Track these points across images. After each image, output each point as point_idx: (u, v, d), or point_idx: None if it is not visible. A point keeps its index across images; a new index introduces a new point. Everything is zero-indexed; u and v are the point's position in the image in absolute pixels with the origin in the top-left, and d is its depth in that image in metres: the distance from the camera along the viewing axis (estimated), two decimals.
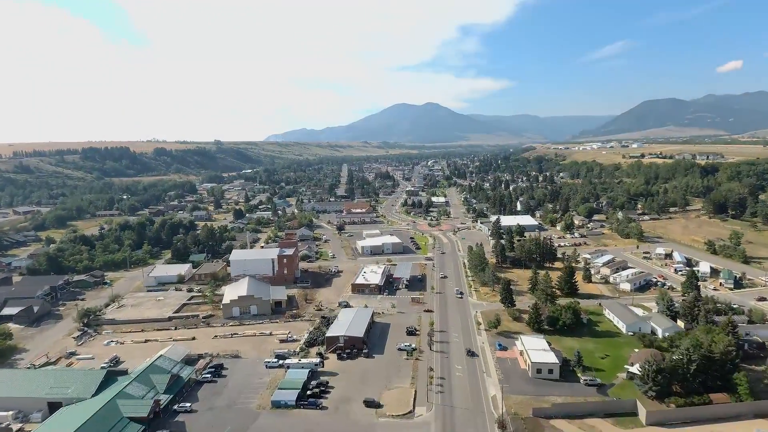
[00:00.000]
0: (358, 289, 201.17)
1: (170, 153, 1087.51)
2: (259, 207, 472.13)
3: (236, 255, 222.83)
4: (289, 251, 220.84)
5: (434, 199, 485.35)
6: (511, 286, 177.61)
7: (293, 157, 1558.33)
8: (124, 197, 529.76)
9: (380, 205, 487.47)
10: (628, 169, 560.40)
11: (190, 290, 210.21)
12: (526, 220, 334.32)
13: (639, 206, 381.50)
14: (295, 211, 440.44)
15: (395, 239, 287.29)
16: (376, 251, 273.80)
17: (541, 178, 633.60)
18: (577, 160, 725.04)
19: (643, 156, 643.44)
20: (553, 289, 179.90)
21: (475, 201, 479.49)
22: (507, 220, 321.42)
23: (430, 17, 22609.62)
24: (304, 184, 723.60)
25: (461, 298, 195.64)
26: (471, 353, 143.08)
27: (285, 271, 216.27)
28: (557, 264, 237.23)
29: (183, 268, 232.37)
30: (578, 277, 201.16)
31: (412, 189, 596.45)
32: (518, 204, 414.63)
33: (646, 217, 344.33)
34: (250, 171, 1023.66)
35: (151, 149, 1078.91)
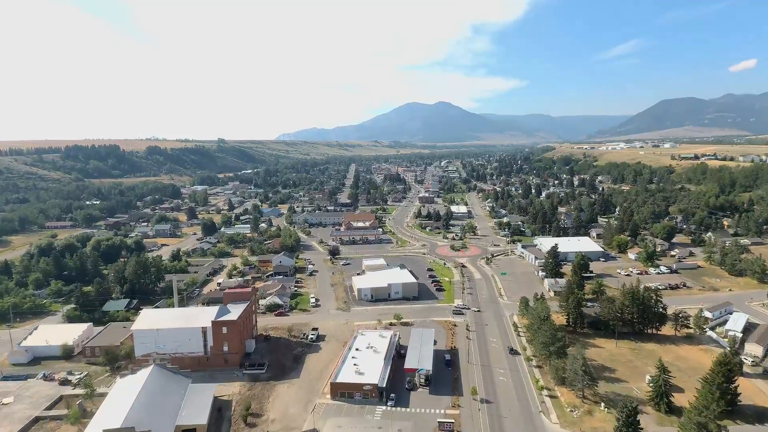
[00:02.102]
0: (343, 392, 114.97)
1: (164, 152, 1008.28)
2: (241, 218, 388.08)
3: (145, 319, 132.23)
4: (235, 313, 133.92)
5: (454, 208, 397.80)
6: (638, 414, 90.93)
7: (300, 156, 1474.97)
8: (87, 203, 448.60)
9: (389, 216, 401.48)
10: (686, 173, 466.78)
11: (65, 381, 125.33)
12: (587, 244, 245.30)
13: (725, 223, 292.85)
14: (283, 224, 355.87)
15: (407, 276, 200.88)
16: (379, 295, 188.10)
17: (576, 182, 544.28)
18: (615, 161, 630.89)
19: (696, 157, 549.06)
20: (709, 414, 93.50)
21: (504, 211, 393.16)
22: (561, 245, 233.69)
23: (441, 16, 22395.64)
24: (304, 187, 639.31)
25: (527, 407, 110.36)
26: None
27: (226, 348, 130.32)
28: (666, 329, 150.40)
29: (76, 332, 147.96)
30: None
31: (426, 194, 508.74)
32: (563, 217, 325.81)
33: (746, 241, 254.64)
34: (250, 172, 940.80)
35: (144, 147, 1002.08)
